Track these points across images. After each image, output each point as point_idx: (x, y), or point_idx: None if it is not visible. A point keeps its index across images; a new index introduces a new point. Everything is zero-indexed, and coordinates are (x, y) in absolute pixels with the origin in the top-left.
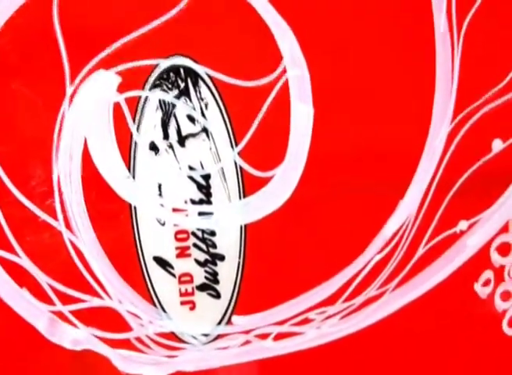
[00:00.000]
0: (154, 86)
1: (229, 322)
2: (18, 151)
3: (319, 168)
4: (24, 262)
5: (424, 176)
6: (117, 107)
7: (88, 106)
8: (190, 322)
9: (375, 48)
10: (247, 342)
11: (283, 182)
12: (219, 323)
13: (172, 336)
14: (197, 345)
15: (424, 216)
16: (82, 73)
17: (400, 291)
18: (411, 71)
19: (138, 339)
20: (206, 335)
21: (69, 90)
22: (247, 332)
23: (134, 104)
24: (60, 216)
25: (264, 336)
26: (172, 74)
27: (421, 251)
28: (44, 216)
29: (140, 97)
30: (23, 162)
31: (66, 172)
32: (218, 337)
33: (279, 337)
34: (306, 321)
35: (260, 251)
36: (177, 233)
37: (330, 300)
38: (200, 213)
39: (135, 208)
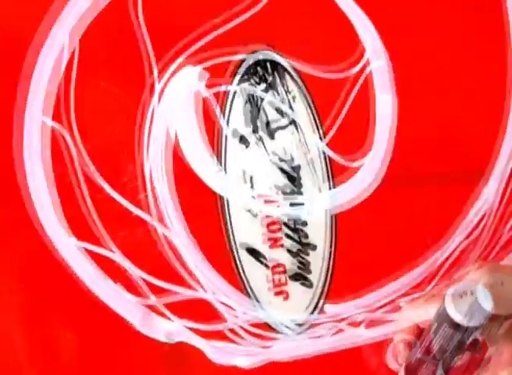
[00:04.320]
0: (241, 80)
1: (321, 311)
2: (109, 148)
3: (405, 156)
4: (118, 257)
5: (506, 162)
6: (206, 102)
7: (177, 102)
8: (284, 312)
9: (453, 39)
10: (340, 330)
11: (371, 170)
12: (312, 312)
13: (266, 326)
14: (291, 335)
15: (508, 200)
16: (170, 70)
17: None
18: (484, 60)
19: (232, 330)
20: (300, 325)
21: (158, 87)
22: (340, 320)
23: (223, 99)
24: (153, 210)
25: (356, 324)
26: (259, 68)
27: (506, 234)
28: (136, 211)
29: (228, 91)
30: (115, 159)
31: (158, 167)
32: (312, 326)
33: (371, 324)
34: (397, 308)
35: (350, 239)
36: (269, 224)
37: (420, 285)
38: (292, 204)
39: (227, 200)
